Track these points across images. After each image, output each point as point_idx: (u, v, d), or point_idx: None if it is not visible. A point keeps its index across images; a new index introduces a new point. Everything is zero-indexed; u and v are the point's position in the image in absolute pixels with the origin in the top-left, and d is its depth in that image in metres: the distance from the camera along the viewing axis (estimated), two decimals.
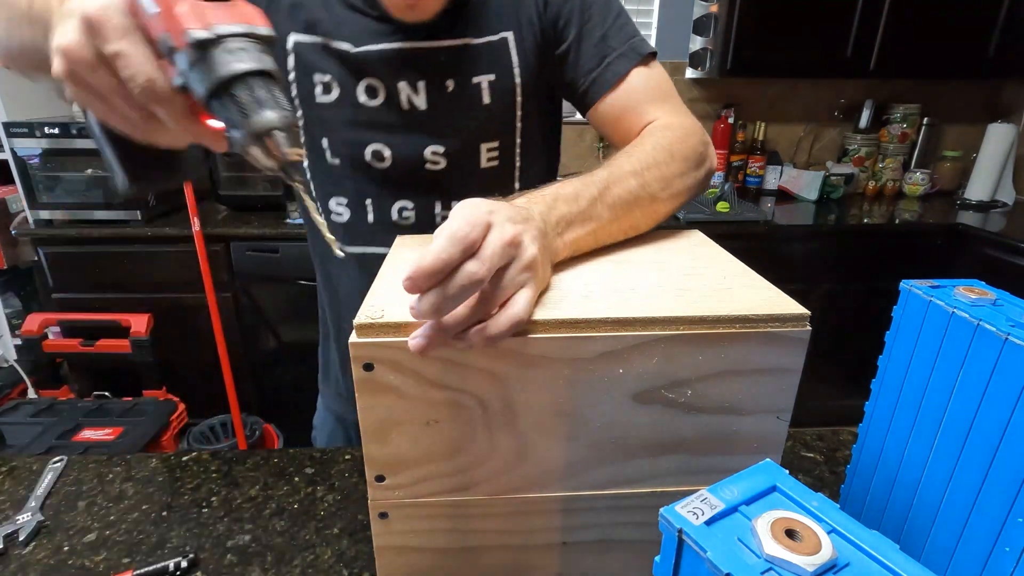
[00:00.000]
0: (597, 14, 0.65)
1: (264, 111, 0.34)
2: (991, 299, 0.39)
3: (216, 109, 0.34)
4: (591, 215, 0.49)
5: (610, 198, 0.51)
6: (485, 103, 0.65)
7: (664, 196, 0.55)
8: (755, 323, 0.38)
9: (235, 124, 0.34)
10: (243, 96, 0.33)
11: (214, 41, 0.33)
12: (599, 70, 0.65)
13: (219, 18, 0.33)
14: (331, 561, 0.52)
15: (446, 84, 0.64)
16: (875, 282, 1.98)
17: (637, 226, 0.54)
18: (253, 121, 0.33)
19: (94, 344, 1.79)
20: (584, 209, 0.48)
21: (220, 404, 1.84)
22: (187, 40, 0.32)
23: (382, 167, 0.67)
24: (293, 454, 0.67)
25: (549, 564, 0.44)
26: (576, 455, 0.40)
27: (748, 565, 0.21)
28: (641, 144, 0.58)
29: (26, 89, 1.94)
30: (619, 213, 0.51)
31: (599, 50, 0.65)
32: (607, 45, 0.65)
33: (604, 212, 0.50)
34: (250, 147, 0.34)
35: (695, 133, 0.62)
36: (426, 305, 0.33)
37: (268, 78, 0.34)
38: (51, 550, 0.53)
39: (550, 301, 0.40)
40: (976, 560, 0.37)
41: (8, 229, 1.90)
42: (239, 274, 1.86)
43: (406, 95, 0.64)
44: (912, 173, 2.33)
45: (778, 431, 0.41)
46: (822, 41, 2.03)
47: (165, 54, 0.34)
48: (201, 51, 0.33)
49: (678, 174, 0.57)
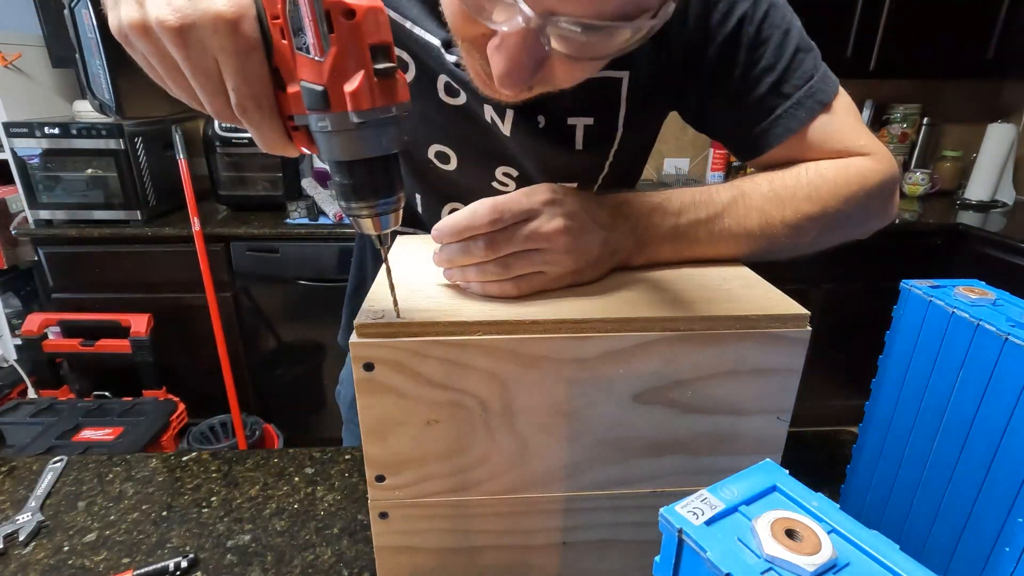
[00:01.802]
0: (771, 52, 0.52)
1: (380, 194, 0.32)
2: (991, 299, 0.39)
3: (333, 170, 0.32)
4: (686, 236, 0.46)
5: (719, 226, 0.47)
6: (577, 148, 0.57)
7: (786, 244, 0.49)
8: (755, 323, 0.38)
9: (347, 196, 0.32)
10: (367, 175, 0.32)
11: (368, 123, 0.30)
12: (766, 123, 0.53)
13: (384, 99, 0.30)
14: (331, 561, 0.52)
15: (537, 120, 0.55)
16: (875, 282, 1.98)
17: (733, 254, 0.49)
18: (369, 200, 0.32)
19: (94, 344, 1.79)
20: (681, 229, 0.46)
21: (220, 404, 1.84)
22: (351, 119, 0.29)
23: (445, 168, 0.60)
24: (293, 454, 0.67)
25: (549, 564, 0.44)
26: (576, 455, 0.40)
27: (748, 565, 0.21)
28: (806, 170, 0.51)
29: (26, 89, 1.94)
30: (721, 247, 0.47)
31: (768, 101, 0.53)
32: (780, 92, 0.52)
33: (704, 238, 0.47)
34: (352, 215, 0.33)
35: (887, 177, 0.52)
36: (441, 256, 0.42)
37: (395, 157, 0.33)
38: (51, 550, 0.53)
39: (550, 300, 0.40)
40: (976, 560, 0.37)
41: (8, 229, 1.90)
42: (239, 274, 1.86)
43: (490, 115, 0.55)
44: (912, 173, 2.33)
45: (778, 431, 0.41)
46: (822, 41, 2.02)
47: (309, 108, 0.30)
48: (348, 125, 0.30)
49: (840, 216, 0.49)
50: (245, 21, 0.29)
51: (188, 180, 1.69)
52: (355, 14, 0.28)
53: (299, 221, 1.85)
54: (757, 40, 0.51)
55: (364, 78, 0.29)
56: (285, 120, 0.32)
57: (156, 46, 0.31)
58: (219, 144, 1.90)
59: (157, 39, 0.31)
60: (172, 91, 0.34)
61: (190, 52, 0.30)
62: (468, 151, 0.59)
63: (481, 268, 0.41)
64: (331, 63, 0.28)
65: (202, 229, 1.70)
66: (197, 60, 0.31)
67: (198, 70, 0.31)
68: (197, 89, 0.32)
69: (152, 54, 0.32)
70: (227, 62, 0.30)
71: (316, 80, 0.29)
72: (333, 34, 0.28)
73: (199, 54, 0.30)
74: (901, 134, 2.32)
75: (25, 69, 1.92)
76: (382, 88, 0.29)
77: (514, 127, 0.55)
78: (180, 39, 0.30)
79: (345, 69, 0.28)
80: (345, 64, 0.28)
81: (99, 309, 1.83)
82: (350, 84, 0.28)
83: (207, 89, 0.32)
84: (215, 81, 0.31)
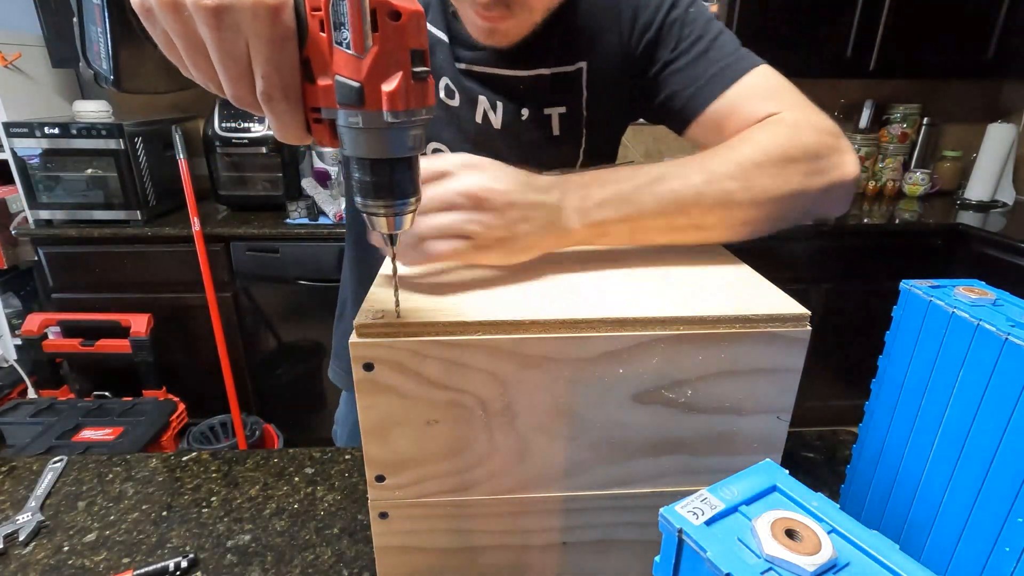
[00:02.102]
0: (697, 32, 0.60)
1: (398, 194, 0.33)
2: (991, 299, 0.39)
3: (355, 167, 0.32)
4: (630, 200, 0.45)
5: (662, 189, 0.46)
6: (555, 135, 0.64)
7: (745, 199, 0.47)
8: (755, 323, 0.38)
9: (365, 194, 0.33)
10: (389, 174, 0.32)
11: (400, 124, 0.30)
12: (700, 83, 0.58)
13: (417, 101, 0.30)
14: (331, 561, 0.52)
15: (521, 112, 0.63)
16: (875, 282, 1.98)
17: (703, 227, 0.48)
18: (387, 199, 0.33)
19: (94, 344, 1.79)
20: (624, 193, 0.45)
21: (220, 404, 1.84)
22: (384, 118, 0.29)
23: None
24: (293, 454, 0.67)
25: (549, 564, 0.44)
26: (576, 455, 0.40)
27: (748, 565, 0.21)
28: (730, 141, 0.51)
29: (26, 89, 1.94)
30: (671, 208, 0.46)
31: (701, 64, 0.59)
32: (709, 58, 0.59)
33: (649, 202, 0.45)
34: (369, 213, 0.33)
35: (818, 130, 0.51)
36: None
37: (416, 159, 0.33)
38: (51, 550, 0.53)
39: (550, 300, 0.40)
40: (976, 560, 0.37)
41: (8, 229, 1.91)
42: (239, 274, 1.86)
43: (483, 109, 0.63)
44: (912, 173, 2.33)
45: (778, 431, 0.41)
46: (822, 41, 2.03)
47: (342, 100, 0.30)
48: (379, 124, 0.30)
49: (772, 175, 0.48)
50: (285, 10, 0.29)
51: (188, 180, 1.69)
52: (400, 16, 0.28)
53: (299, 221, 1.85)
54: (683, 22, 0.60)
55: (402, 79, 0.29)
56: (308, 111, 0.32)
57: (184, 25, 0.30)
58: (219, 144, 1.90)
59: (187, 18, 0.30)
60: (189, 71, 0.33)
61: (223, 35, 0.29)
62: (464, 150, 0.62)
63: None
64: (371, 61, 0.28)
65: (202, 229, 1.70)
66: (228, 44, 0.30)
67: (227, 54, 0.30)
68: (221, 72, 0.31)
69: (177, 33, 0.31)
70: (261, 49, 0.30)
71: (353, 76, 0.29)
72: (377, 33, 0.28)
73: (232, 37, 0.29)
74: (901, 134, 2.32)
75: (25, 69, 1.93)
76: (416, 91, 0.30)
77: (503, 120, 0.63)
78: (215, 20, 0.29)
79: (385, 69, 0.29)
80: (385, 64, 0.29)
81: (99, 309, 1.83)
82: (388, 84, 0.29)
83: (231, 73, 0.31)
84: (243, 66, 0.31)
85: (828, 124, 0.52)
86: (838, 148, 0.51)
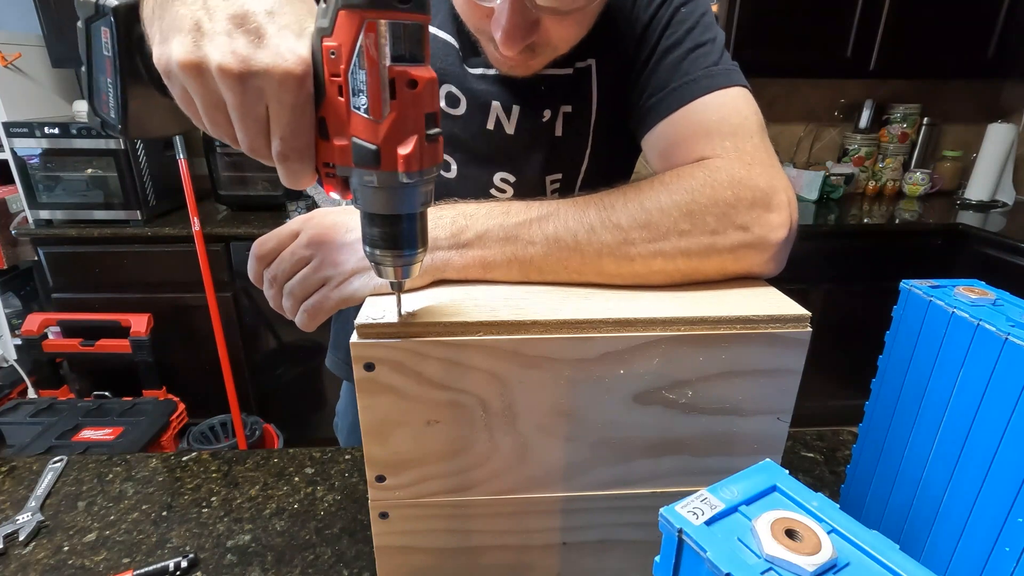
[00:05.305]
0: (683, 35, 0.55)
1: (406, 245, 0.34)
2: (991, 299, 0.39)
3: (368, 221, 0.33)
4: (515, 236, 0.43)
5: (552, 226, 0.43)
6: (557, 135, 0.61)
7: (645, 251, 0.43)
8: (755, 324, 0.38)
9: (377, 245, 0.34)
10: (400, 228, 0.33)
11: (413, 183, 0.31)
12: (661, 94, 0.54)
13: (429, 160, 0.31)
14: (331, 561, 0.52)
15: (543, 113, 0.60)
16: (875, 282, 1.98)
17: (602, 273, 0.44)
18: (396, 251, 0.34)
19: (94, 344, 1.79)
20: (507, 228, 0.43)
21: (220, 404, 1.84)
22: (399, 179, 0.30)
23: (444, 176, 0.63)
24: (293, 454, 0.67)
25: (549, 564, 0.44)
26: (576, 456, 0.40)
27: (748, 565, 0.21)
28: (650, 180, 0.47)
29: (26, 89, 1.94)
30: (560, 247, 0.43)
31: (670, 74, 0.55)
32: (681, 69, 0.54)
33: (537, 238, 0.43)
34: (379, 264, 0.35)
35: (741, 184, 0.44)
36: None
37: (425, 213, 0.34)
38: (51, 550, 0.53)
39: (550, 300, 0.40)
40: (976, 560, 0.37)
41: (8, 229, 1.90)
42: (239, 274, 1.86)
43: (496, 115, 0.59)
44: (912, 173, 2.33)
45: (778, 432, 0.41)
46: (822, 41, 2.03)
47: (358, 161, 0.31)
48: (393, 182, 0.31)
49: (681, 230, 0.43)
50: (309, 79, 0.30)
51: (188, 180, 1.69)
52: (417, 84, 0.29)
53: None
54: (676, 20, 0.56)
55: (417, 142, 0.30)
56: (320, 167, 0.33)
57: (206, 87, 0.31)
58: (219, 144, 1.90)
59: (210, 80, 0.31)
60: (206, 126, 0.34)
61: (245, 99, 0.30)
62: (468, 159, 0.62)
63: (278, 305, 0.46)
64: (388, 126, 0.29)
65: (202, 229, 1.69)
66: (250, 107, 0.31)
67: (248, 116, 0.31)
68: (240, 131, 0.32)
69: (199, 94, 0.32)
70: (281, 114, 0.31)
71: (370, 139, 0.30)
72: (395, 100, 0.29)
73: (254, 100, 0.31)
74: (901, 134, 2.32)
75: (25, 69, 1.93)
76: (430, 151, 0.31)
77: (519, 124, 0.60)
78: (240, 86, 0.30)
79: (401, 133, 0.30)
80: (402, 128, 0.30)
81: (99, 309, 1.83)
82: (404, 147, 0.30)
83: (251, 132, 0.32)
84: (261, 126, 0.32)
85: (761, 179, 0.45)
86: (763, 205, 0.44)
